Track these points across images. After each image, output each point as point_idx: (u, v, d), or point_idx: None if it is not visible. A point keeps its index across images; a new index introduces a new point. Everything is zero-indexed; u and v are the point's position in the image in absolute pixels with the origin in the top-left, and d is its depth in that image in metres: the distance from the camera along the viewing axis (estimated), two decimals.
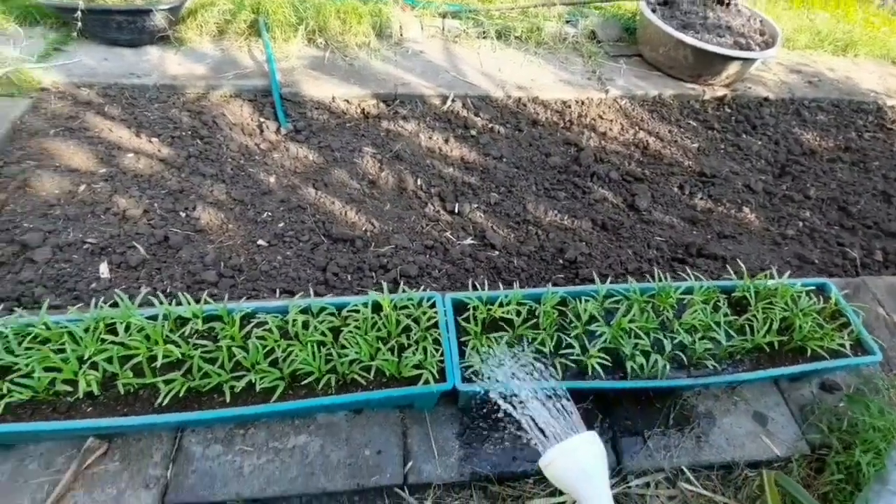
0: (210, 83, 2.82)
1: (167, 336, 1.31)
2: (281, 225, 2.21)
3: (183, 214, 2.20)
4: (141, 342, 1.28)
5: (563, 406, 1.24)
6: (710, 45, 3.11)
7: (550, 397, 1.24)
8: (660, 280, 1.63)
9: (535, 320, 1.49)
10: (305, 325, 1.37)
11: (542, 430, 1.20)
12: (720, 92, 3.32)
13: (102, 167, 2.36)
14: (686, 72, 3.29)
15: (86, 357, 1.25)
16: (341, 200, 2.35)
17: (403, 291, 1.51)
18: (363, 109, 2.87)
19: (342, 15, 3.16)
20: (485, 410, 1.42)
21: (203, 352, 1.29)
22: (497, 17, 3.52)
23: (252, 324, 1.39)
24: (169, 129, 2.59)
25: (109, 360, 1.26)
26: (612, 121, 3.00)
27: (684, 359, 1.49)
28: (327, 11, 3.13)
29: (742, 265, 1.82)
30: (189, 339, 1.33)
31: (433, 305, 1.49)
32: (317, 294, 1.92)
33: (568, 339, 1.43)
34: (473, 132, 2.78)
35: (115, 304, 1.41)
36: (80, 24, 2.77)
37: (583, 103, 3.07)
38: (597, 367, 1.38)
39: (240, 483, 1.42)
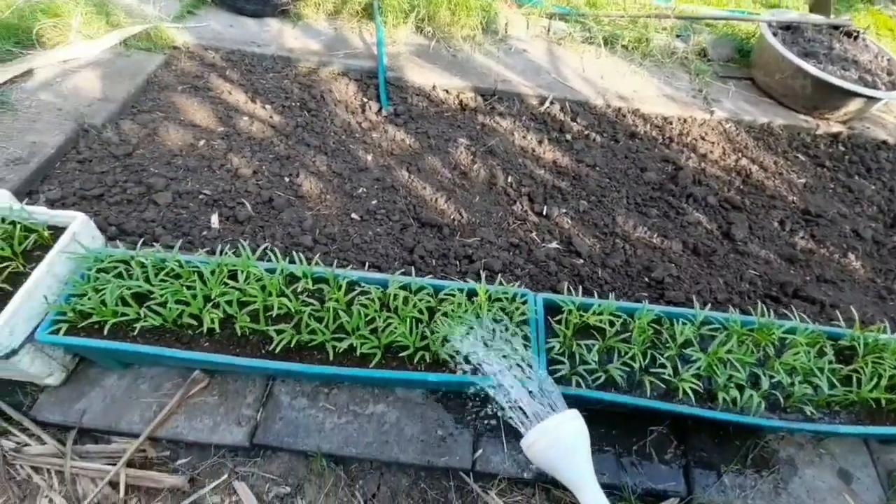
0: (322, 59, 2.95)
1: (281, 289, 1.41)
2: (374, 202, 2.30)
3: (287, 179, 2.33)
4: (258, 292, 1.38)
5: (544, 387, 1.22)
6: (833, 77, 2.92)
7: (531, 377, 1.22)
8: (762, 315, 1.57)
9: (626, 334, 1.47)
10: (405, 301, 1.42)
11: (524, 412, 1.18)
12: (835, 128, 3.11)
13: (220, 126, 2.54)
14: (801, 102, 3.10)
15: (211, 297, 1.37)
16: (432, 187, 2.41)
17: (500, 284, 1.54)
18: (461, 101, 2.91)
19: (452, 6, 3.22)
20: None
21: (312, 310, 1.38)
22: (605, 23, 3.46)
23: (356, 291, 1.46)
24: (281, 98, 2.74)
25: (230, 304, 1.37)
26: (714, 143, 2.89)
27: (780, 400, 1.43)
28: (439, 2, 3.19)
29: (854, 312, 1.72)
30: (299, 296, 1.42)
31: (525, 303, 1.51)
32: (403, 275, 1.99)
33: (661, 358, 1.41)
34: (568, 137, 2.76)
35: (236, 253, 1.52)
36: None
37: (685, 121, 2.97)
38: (688, 391, 1.35)
39: (321, 437, 1.51)
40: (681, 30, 3.57)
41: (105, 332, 1.30)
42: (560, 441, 1.07)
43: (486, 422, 1.59)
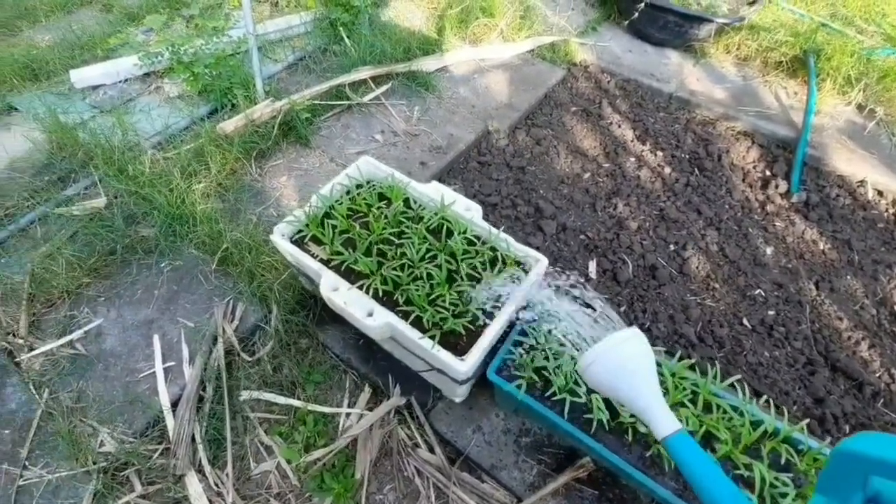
0: (726, 112, 2.59)
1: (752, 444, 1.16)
2: (771, 313, 1.91)
3: (672, 248, 2.09)
4: (725, 435, 1.16)
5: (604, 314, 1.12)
6: None
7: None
8: None
9: None
10: None
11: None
12: None
13: (607, 161, 2.41)
14: None
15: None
16: (849, 319, 1.90)
17: None
18: None
19: None
20: None
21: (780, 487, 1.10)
22: None
23: None
24: (671, 145, 2.49)
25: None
26: None
27: None
28: None
29: None
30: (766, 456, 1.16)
31: None
32: (811, 432, 1.59)
33: None
34: None
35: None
36: (636, 14, 2.82)
37: None
38: None
39: None
40: None
41: (550, 400, 1.24)
42: (619, 360, 0.93)
43: None
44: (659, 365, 1.26)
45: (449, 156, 2.29)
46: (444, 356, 1.25)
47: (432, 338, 1.27)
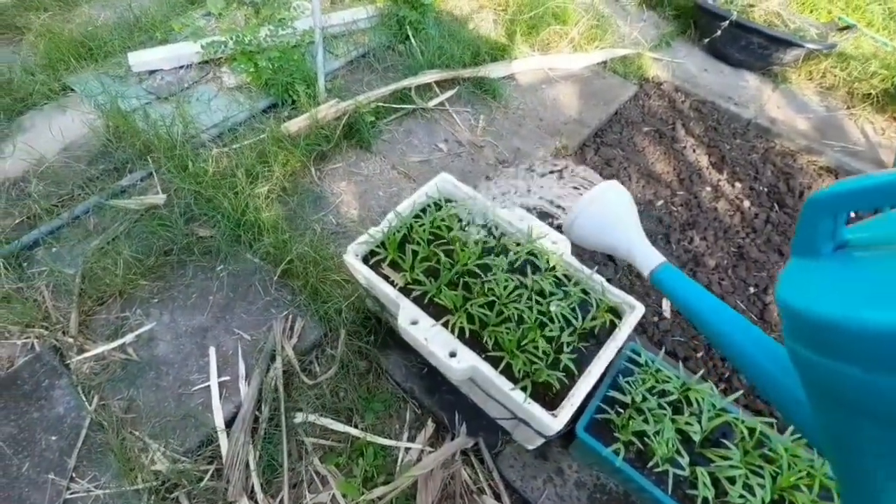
0: (808, 144, 2.43)
1: None
2: None
3: (752, 291, 1.95)
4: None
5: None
6: None
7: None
8: None
9: None
10: None
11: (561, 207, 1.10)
12: None
13: (681, 189, 2.27)
14: None
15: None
16: None
17: None
18: None
19: None
20: None
21: None
22: None
23: None
24: (749, 176, 2.34)
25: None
26: None
27: None
28: None
29: None
30: None
31: None
32: None
33: None
34: None
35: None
36: (718, 32, 2.66)
37: None
38: None
39: None
40: None
41: (647, 468, 1.13)
42: (601, 210, 0.95)
43: None
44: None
45: None
46: (537, 411, 1.14)
47: (523, 389, 1.16)
